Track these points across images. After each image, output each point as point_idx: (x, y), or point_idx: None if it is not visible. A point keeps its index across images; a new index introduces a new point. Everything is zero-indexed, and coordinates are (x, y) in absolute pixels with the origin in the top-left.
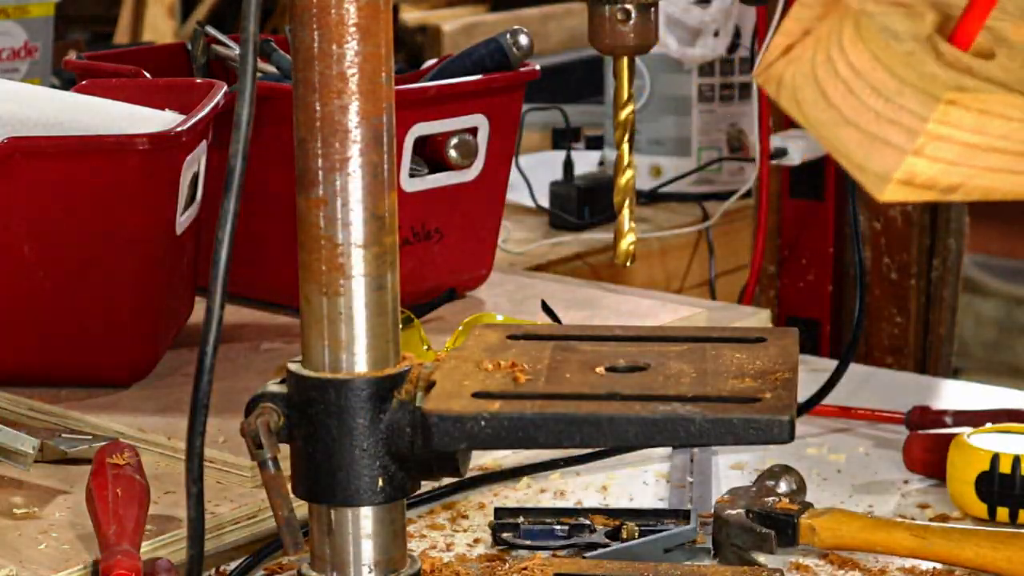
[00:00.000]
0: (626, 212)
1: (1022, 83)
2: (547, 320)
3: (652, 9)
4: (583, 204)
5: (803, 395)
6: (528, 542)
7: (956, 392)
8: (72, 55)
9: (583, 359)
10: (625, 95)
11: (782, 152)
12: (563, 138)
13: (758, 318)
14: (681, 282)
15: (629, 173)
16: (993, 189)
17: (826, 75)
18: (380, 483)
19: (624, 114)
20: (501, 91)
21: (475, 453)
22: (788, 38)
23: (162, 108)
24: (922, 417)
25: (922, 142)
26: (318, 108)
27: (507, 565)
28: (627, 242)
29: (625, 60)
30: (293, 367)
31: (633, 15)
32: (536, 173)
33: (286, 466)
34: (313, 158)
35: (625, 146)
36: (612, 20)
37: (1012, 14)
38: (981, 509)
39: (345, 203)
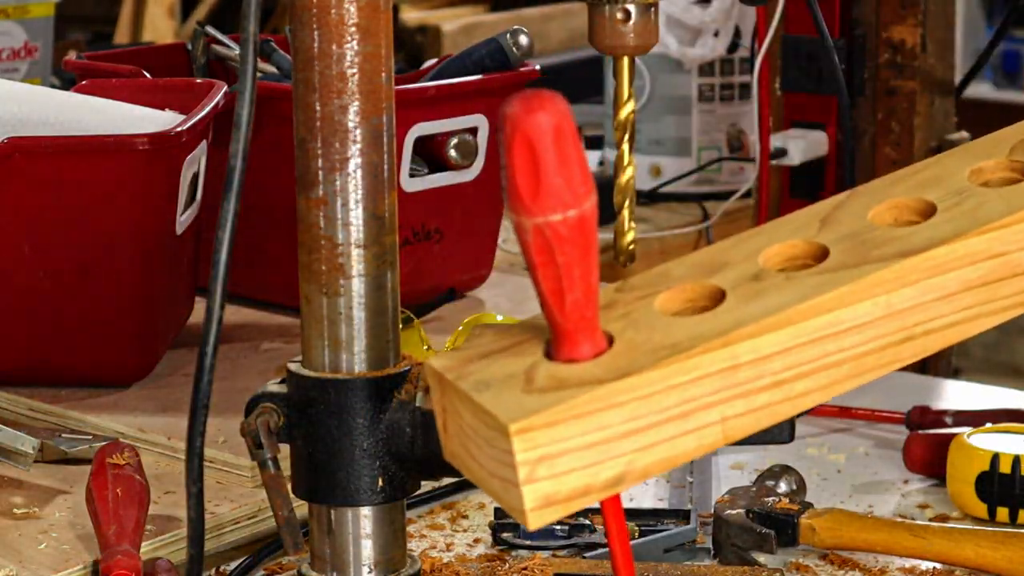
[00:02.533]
0: (626, 212)
1: (629, 366)
2: None
3: (652, 9)
4: None
5: None
6: (528, 542)
7: (956, 392)
8: (72, 55)
9: None
10: (625, 95)
11: (782, 152)
12: None
13: None
14: None
15: (629, 173)
16: (667, 460)
17: (465, 439)
18: (380, 483)
19: (624, 114)
20: (501, 91)
21: None
22: (440, 418)
23: (162, 108)
24: (922, 417)
25: (526, 472)
26: (318, 108)
27: (507, 565)
28: (627, 242)
29: (625, 60)
30: (293, 367)
31: (633, 15)
32: None
33: (286, 466)
34: (313, 158)
35: (625, 146)
36: (612, 20)
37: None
38: (981, 509)
39: (345, 203)
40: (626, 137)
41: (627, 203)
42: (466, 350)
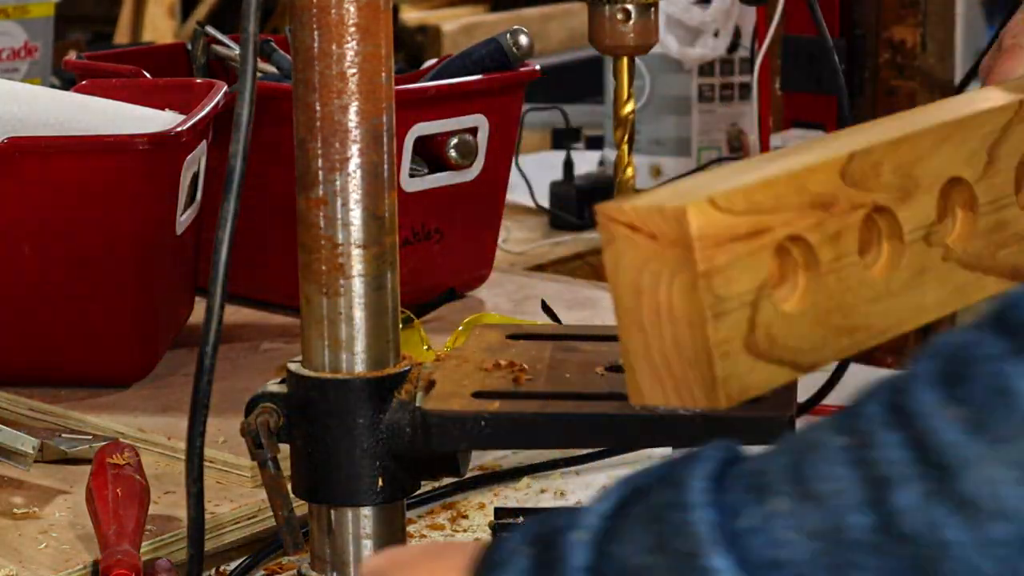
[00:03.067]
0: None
1: None
2: (547, 320)
3: (652, 9)
4: (583, 204)
5: (803, 395)
6: None
7: None
8: (72, 55)
9: (583, 359)
10: (625, 95)
11: None
12: (563, 138)
13: None
14: None
15: (629, 172)
16: None
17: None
18: (380, 483)
19: (624, 113)
20: (501, 91)
21: (475, 453)
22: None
23: (162, 108)
24: None
25: None
26: (318, 108)
27: None
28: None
29: (625, 60)
30: (293, 367)
31: (633, 15)
32: (536, 173)
33: (286, 466)
34: (313, 158)
35: (625, 146)
36: (612, 20)
37: None
38: None
39: (345, 203)
40: (626, 137)
41: None
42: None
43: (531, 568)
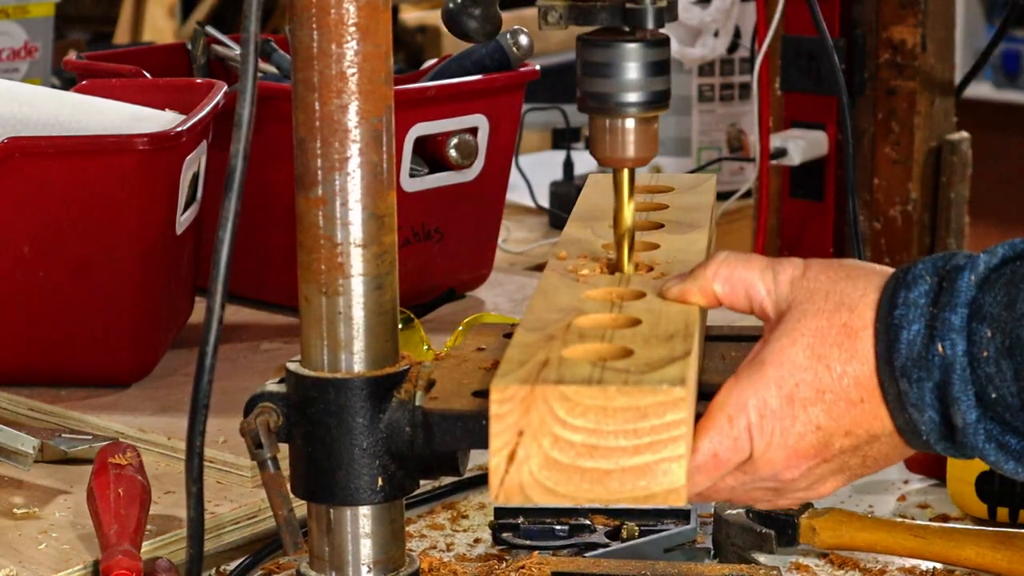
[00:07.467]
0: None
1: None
2: None
3: (653, 122)
4: None
5: None
6: (528, 542)
7: None
8: (72, 55)
9: None
10: (625, 209)
11: (782, 152)
12: (563, 138)
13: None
14: None
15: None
16: None
17: (563, 450)
18: (379, 482)
19: (625, 228)
20: (501, 91)
21: (475, 453)
22: (506, 448)
23: (162, 108)
24: None
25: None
26: (318, 108)
27: (504, 564)
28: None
29: (625, 172)
30: (292, 367)
31: (634, 128)
32: (536, 173)
33: (285, 466)
34: (313, 158)
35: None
36: (612, 132)
37: None
38: (981, 509)
39: (344, 203)
40: (626, 256)
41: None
42: (514, 369)
43: (931, 290)
